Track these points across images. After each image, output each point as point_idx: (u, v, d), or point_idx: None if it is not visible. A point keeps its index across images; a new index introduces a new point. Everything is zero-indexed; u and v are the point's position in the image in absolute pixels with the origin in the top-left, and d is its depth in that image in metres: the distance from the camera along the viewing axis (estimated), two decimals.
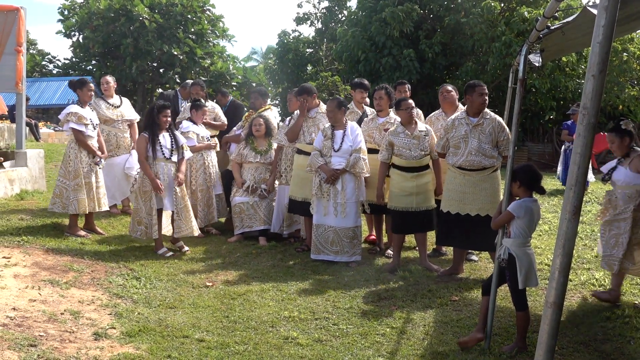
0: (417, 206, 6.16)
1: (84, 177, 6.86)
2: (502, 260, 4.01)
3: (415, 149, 6.14)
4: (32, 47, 33.59)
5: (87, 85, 7.05)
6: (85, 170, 6.88)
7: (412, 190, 6.16)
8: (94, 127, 7.03)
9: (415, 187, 6.16)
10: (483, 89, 5.71)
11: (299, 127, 6.93)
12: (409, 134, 6.16)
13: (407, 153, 6.16)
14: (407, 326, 4.59)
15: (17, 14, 8.82)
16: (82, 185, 6.84)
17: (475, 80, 6.00)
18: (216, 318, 4.68)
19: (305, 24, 26.27)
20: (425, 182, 6.21)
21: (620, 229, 4.99)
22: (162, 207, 6.51)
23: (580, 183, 2.28)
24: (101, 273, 5.64)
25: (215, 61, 30.16)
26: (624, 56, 17.33)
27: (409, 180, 6.17)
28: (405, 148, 6.15)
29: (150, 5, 27.71)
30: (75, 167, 6.84)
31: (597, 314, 4.88)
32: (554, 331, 2.33)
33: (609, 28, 2.18)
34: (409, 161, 6.16)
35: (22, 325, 4.12)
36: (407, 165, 6.17)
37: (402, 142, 6.17)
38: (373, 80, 19.09)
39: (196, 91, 8.37)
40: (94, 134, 7.02)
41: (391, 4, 19.16)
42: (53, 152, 13.31)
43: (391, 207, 6.27)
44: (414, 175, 6.17)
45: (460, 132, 5.73)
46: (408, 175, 6.17)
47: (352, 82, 7.68)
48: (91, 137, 6.97)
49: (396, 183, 6.23)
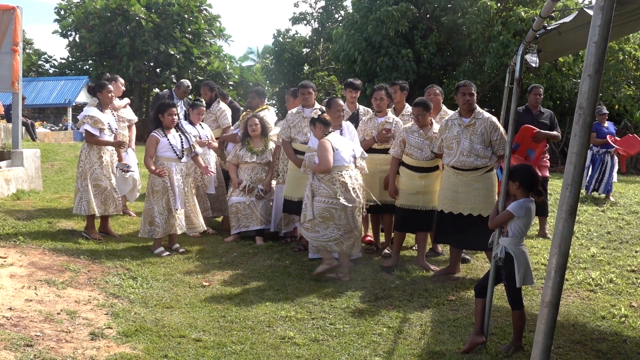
0: (424, 205, 6.18)
1: (93, 179, 6.83)
2: (500, 259, 4.02)
3: (426, 149, 6.14)
4: (29, 47, 33.51)
5: (107, 88, 7.01)
6: (96, 172, 6.84)
7: (419, 189, 6.18)
8: (112, 131, 7.01)
9: (423, 186, 6.18)
10: (467, 89, 5.70)
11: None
12: (422, 134, 6.16)
13: (417, 153, 6.16)
14: (404, 326, 4.60)
15: (13, 13, 8.80)
16: (89, 187, 6.78)
17: (465, 80, 6.01)
18: (213, 318, 4.68)
19: (302, 23, 26.25)
20: (433, 182, 6.23)
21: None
22: (177, 207, 6.54)
23: (576, 182, 2.28)
24: (98, 273, 5.63)
25: (212, 61, 30.16)
26: (620, 56, 17.36)
27: (417, 180, 6.19)
28: (417, 147, 6.15)
29: (147, 5, 27.69)
30: (84, 169, 6.83)
31: (593, 314, 4.90)
32: (550, 330, 2.34)
33: (605, 28, 2.19)
34: (419, 161, 6.17)
35: (19, 325, 4.12)
36: (416, 165, 6.19)
37: (415, 141, 6.17)
38: (370, 80, 19.08)
39: (204, 92, 8.35)
40: (110, 138, 6.99)
41: (386, 4, 19.16)
42: (49, 151, 13.29)
43: (398, 205, 6.29)
44: (423, 175, 6.19)
45: (452, 133, 5.75)
46: (416, 175, 6.19)
47: (344, 82, 7.71)
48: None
49: (404, 181, 6.26)
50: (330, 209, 5.73)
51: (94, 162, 6.84)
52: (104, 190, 6.89)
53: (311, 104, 6.91)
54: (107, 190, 6.91)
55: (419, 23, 19.96)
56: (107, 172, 6.94)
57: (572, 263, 6.34)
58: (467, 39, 18.77)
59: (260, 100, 7.91)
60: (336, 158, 5.80)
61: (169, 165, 6.53)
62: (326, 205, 5.74)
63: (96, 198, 6.85)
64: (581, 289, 5.54)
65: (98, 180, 6.85)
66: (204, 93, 8.33)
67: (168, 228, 6.52)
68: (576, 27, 3.72)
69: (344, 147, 5.94)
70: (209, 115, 8.13)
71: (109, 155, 7.00)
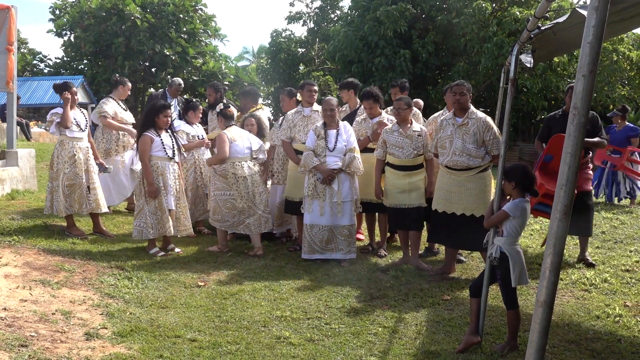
0: (410, 203, 6.21)
1: (66, 178, 6.77)
2: (495, 259, 4.03)
3: (407, 147, 6.18)
4: (23, 46, 33.45)
5: (72, 90, 6.95)
6: (68, 171, 6.78)
7: (405, 187, 6.21)
8: (80, 128, 6.93)
9: (407, 184, 6.21)
10: (458, 89, 5.71)
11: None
12: (402, 133, 6.20)
13: (399, 152, 6.20)
14: (399, 325, 4.60)
15: (8, 12, 8.77)
16: (60, 187, 6.74)
17: (460, 80, 6.05)
18: (208, 318, 4.67)
19: (298, 23, 26.27)
20: (418, 179, 6.26)
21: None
22: (171, 207, 6.53)
23: (570, 182, 2.29)
24: (93, 273, 5.62)
25: (207, 61, 30.12)
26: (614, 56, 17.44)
27: (401, 179, 6.23)
28: (398, 147, 6.19)
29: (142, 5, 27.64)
30: (57, 168, 6.80)
31: (587, 313, 4.91)
32: (545, 330, 2.34)
33: (599, 28, 2.20)
34: (401, 160, 6.20)
35: (13, 325, 4.10)
36: (399, 164, 6.22)
37: (395, 140, 6.21)
38: (366, 80, 19.11)
39: (210, 92, 8.34)
40: (79, 134, 6.92)
41: (385, 3, 19.17)
42: (44, 151, 13.25)
43: (387, 205, 6.34)
44: (406, 173, 6.22)
45: (446, 132, 5.78)
46: (400, 174, 6.23)
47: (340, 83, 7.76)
48: (79, 139, 6.94)
49: (389, 181, 6.29)
50: (230, 199, 6.56)
51: (65, 162, 6.80)
52: (77, 188, 6.83)
53: (313, 103, 6.97)
54: (81, 189, 6.86)
55: (416, 23, 19.99)
56: (81, 170, 6.86)
57: (567, 263, 6.36)
58: (462, 39, 18.81)
59: (252, 103, 7.82)
60: (232, 150, 6.55)
61: (163, 165, 6.51)
62: (226, 197, 6.57)
63: (68, 197, 6.82)
64: (576, 289, 5.56)
65: (70, 180, 6.81)
66: (209, 94, 8.33)
67: (161, 229, 6.50)
68: (569, 27, 3.73)
69: (241, 140, 6.69)
70: (214, 116, 8.13)
71: (83, 154, 6.93)
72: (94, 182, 7.00)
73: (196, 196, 7.60)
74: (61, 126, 6.80)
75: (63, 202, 6.78)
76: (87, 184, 6.92)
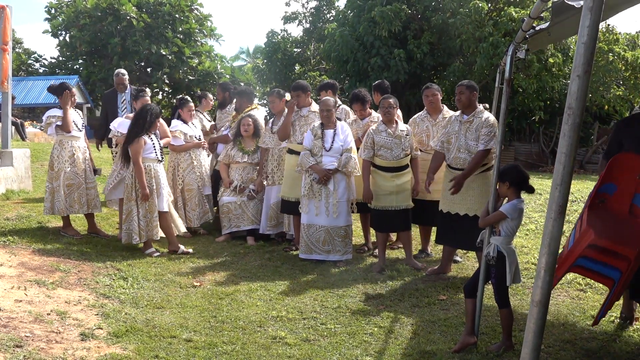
0: (397, 204, 6.20)
1: (65, 178, 6.77)
2: (492, 258, 4.03)
3: (396, 148, 6.17)
4: (19, 46, 33.36)
5: (71, 92, 6.95)
6: (68, 171, 6.77)
7: (392, 189, 6.19)
8: (79, 128, 6.97)
9: (395, 186, 6.19)
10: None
11: (288, 125, 6.83)
12: (390, 133, 6.19)
13: (387, 153, 6.18)
14: (395, 325, 4.61)
15: (3, 12, 8.74)
16: (61, 187, 6.73)
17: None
18: (204, 318, 4.67)
19: (293, 23, 26.25)
20: (404, 181, 6.25)
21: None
22: (161, 209, 6.51)
23: (565, 182, 2.29)
24: (88, 273, 5.60)
25: (203, 60, 30.10)
26: (609, 56, 17.48)
27: (388, 180, 6.20)
28: (387, 147, 6.18)
29: (138, 5, 27.60)
30: (58, 168, 6.78)
31: (582, 313, 4.92)
32: (540, 330, 2.34)
33: (594, 28, 2.20)
34: (389, 161, 6.19)
35: (8, 325, 4.09)
36: (386, 166, 6.21)
37: (383, 141, 6.19)
38: (361, 80, 19.11)
39: (218, 92, 8.33)
40: (78, 134, 6.94)
41: (380, 4, 19.19)
42: (39, 151, 13.20)
43: (372, 207, 6.30)
44: (394, 175, 6.21)
45: (454, 128, 5.80)
46: (388, 175, 6.21)
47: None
48: (77, 138, 6.93)
49: (377, 183, 6.26)
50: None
51: (66, 161, 6.79)
52: (77, 188, 6.82)
53: (306, 104, 6.94)
54: (80, 189, 6.85)
55: (411, 23, 20.00)
56: (80, 170, 6.86)
57: None
58: (457, 39, 18.83)
59: (247, 103, 7.75)
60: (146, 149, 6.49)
61: (155, 167, 6.50)
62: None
63: (68, 197, 6.81)
64: (571, 289, 5.57)
65: (70, 180, 6.80)
66: (218, 93, 8.32)
67: (149, 233, 6.46)
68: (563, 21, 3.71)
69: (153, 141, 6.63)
70: (224, 115, 8.12)
71: (82, 153, 6.93)
72: (91, 181, 6.99)
73: (199, 197, 7.55)
74: (63, 130, 6.79)
75: (64, 202, 6.77)
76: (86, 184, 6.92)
